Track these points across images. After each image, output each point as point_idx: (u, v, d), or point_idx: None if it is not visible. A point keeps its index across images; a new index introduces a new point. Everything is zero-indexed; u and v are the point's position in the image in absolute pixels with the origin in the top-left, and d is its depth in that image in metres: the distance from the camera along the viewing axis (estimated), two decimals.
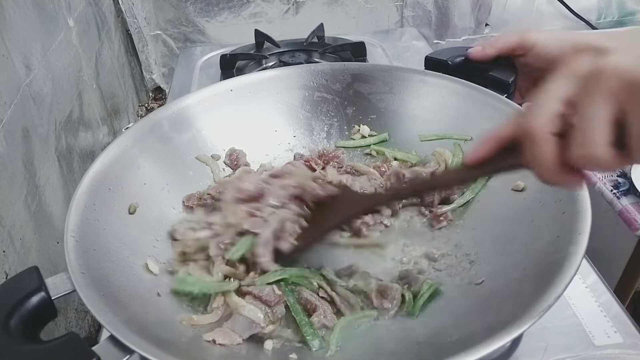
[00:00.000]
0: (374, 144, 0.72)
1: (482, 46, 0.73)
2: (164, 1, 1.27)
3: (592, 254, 0.54)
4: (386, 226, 0.61)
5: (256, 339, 0.48)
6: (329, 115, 0.75)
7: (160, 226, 0.59)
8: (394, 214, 0.62)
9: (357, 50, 1.07)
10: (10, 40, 0.68)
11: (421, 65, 0.79)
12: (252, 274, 0.52)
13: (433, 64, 0.78)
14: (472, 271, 0.53)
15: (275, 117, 0.74)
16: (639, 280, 0.93)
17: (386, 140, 0.72)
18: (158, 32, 1.32)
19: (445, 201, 0.62)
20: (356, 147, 0.73)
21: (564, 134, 0.35)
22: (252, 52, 1.11)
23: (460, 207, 0.61)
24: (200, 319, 0.49)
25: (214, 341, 0.46)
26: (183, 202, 0.63)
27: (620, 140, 0.33)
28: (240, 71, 1.06)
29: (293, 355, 0.45)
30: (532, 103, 0.37)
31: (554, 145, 0.35)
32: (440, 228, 0.60)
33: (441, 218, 0.60)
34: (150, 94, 1.40)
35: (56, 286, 0.44)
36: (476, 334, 0.41)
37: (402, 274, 0.54)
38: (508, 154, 0.39)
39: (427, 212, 0.62)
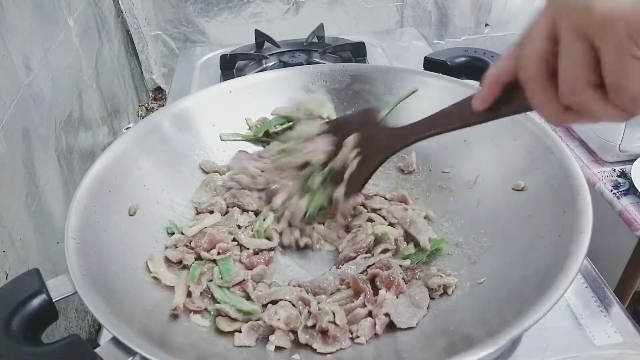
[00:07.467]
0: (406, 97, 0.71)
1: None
2: (164, 1, 1.27)
3: (592, 254, 0.54)
4: None
5: (260, 339, 0.48)
6: None
7: (161, 228, 0.59)
8: None
9: (357, 51, 1.07)
10: (10, 40, 0.68)
11: (421, 65, 0.79)
12: None
13: (432, 64, 0.78)
14: (473, 271, 0.53)
15: None
16: (639, 280, 0.93)
17: (416, 91, 0.71)
18: (158, 32, 1.32)
19: None
20: None
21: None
22: (252, 52, 1.11)
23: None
24: None
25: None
26: None
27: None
28: (240, 71, 1.05)
29: (296, 356, 0.45)
30: (519, 42, 0.35)
31: (548, 90, 0.33)
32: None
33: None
34: (150, 94, 1.40)
35: (57, 288, 0.44)
36: (476, 334, 0.41)
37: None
38: (511, 96, 0.39)
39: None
